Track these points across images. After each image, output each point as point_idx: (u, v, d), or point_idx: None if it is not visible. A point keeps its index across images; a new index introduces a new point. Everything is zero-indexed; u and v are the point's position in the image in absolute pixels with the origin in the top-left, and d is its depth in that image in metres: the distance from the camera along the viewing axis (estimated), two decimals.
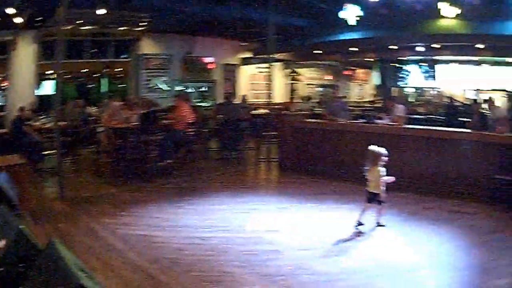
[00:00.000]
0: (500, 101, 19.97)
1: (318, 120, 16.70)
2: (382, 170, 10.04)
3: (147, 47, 25.61)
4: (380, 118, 15.59)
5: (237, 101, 22.99)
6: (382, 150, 10.10)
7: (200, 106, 24.97)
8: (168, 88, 25.73)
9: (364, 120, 15.87)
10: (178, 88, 26.05)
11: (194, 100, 25.94)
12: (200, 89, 28.12)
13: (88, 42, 24.25)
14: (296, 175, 15.59)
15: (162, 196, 12.74)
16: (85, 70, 26.41)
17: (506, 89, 24.67)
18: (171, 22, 23.28)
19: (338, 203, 12.13)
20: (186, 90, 26.12)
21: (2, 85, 22.33)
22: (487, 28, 19.82)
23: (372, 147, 10.24)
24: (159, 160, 15.38)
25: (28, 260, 4.31)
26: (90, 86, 28.08)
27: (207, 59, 27.83)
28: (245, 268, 7.65)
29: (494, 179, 11.81)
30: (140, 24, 23.02)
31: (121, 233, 9.48)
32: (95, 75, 27.17)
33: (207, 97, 28.09)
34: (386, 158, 10.06)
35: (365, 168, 10.18)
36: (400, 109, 15.30)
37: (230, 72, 29.43)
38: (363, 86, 37.39)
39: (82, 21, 21.32)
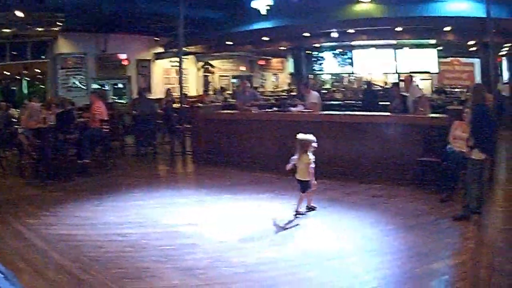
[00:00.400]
0: (422, 83, 19.77)
1: (230, 111, 16.70)
2: (311, 157, 9.93)
3: (64, 46, 25.13)
4: (294, 106, 15.45)
5: (151, 95, 23.35)
6: (311, 137, 10.01)
7: (116, 102, 24.95)
8: (84, 87, 25.27)
9: (277, 109, 15.87)
10: (94, 86, 25.72)
11: (112, 97, 26.14)
12: (116, 86, 27.90)
13: (7, 44, 23.81)
14: (211, 167, 15.51)
15: (82, 195, 12.42)
16: (7, 73, 26.35)
17: (429, 71, 24.89)
18: (85, 20, 23.02)
19: (254, 193, 12.04)
20: (102, 88, 26.10)
21: None
22: (406, 10, 19.75)
23: (300, 135, 10.11)
24: (77, 158, 15.12)
25: None
26: (12, 88, 27.87)
27: (120, 56, 27.36)
28: (164, 263, 7.47)
29: (419, 161, 11.71)
30: (56, 24, 22.56)
31: (45, 234, 9.20)
32: (17, 77, 27.11)
33: (123, 94, 27.84)
34: (316, 145, 10.00)
35: (294, 156, 10.13)
36: (314, 96, 15.05)
37: (144, 67, 29.04)
38: (278, 75, 37.54)
39: (1, 23, 20.91)
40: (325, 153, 12.43)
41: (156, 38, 28.54)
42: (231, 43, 26.65)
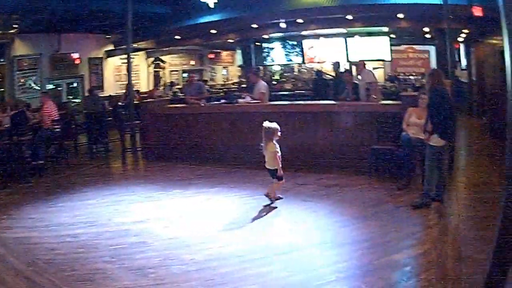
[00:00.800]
0: (375, 71, 19.43)
1: (178, 105, 16.54)
2: (277, 145, 9.95)
3: (20, 48, 24.42)
4: (242, 98, 15.23)
5: (103, 93, 23.12)
6: (276, 125, 9.97)
7: (71, 102, 24.76)
8: (39, 88, 24.56)
9: (224, 101, 15.61)
10: (49, 86, 25.16)
11: (68, 97, 25.74)
12: (71, 85, 27.21)
13: None
14: (161, 162, 15.22)
15: (36, 196, 12.06)
16: None
17: (382, 59, 24.66)
18: (39, 21, 22.32)
19: (204, 187, 11.81)
20: (57, 88, 25.62)
21: None
22: None
23: (266, 123, 10.05)
24: (31, 160, 14.58)
25: None
26: None
27: (73, 55, 26.76)
28: (115, 263, 7.27)
29: (373, 149, 11.42)
30: (12, 26, 22.06)
31: (1, 237, 8.97)
32: None
33: (76, 93, 27.22)
34: (280, 133, 9.97)
35: (261, 144, 10.07)
36: (262, 85, 14.73)
37: (96, 65, 28.47)
38: (228, 68, 37.35)
39: None
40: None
41: (107, 36, 28.05)
42: (179, 37, 26.20)
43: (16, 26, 21.85)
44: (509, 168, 4.44)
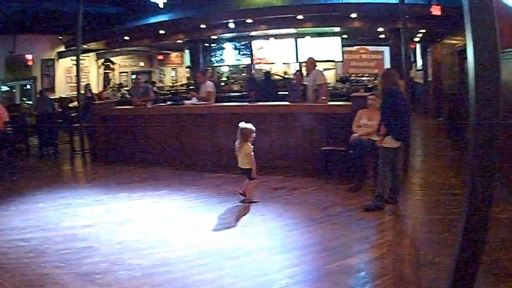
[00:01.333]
0: (326, 72, 19.19)
1: (126, 107, 16.36)
2: (251, 146, 9.96)
3: None
4: (188, 99, 15.30)
5: (55, 95, 22.94)
6: (251, 126, 9.97)
7: (24, 103, 24.26)
8: None
9: (171, 103, 15.65)
10: (3, 88, 24.92)
11: (22, 98, 25.34)
12: (25, 87, 26.96)
13: None
14: (108, 165, 15.00)
15: None
16: None
17: (333, 60, 24.48)
18: None
19: (151, 190, 11.54)
20: (11, 90, 25.41)
21: None
22: None
23: (242, 124, 10.03)
24: None
25: None
26: None
27: (27, 56, 26.32)
28: (63, 268, 7.03)
29: (322, 151, 11.24)
30: None
31: None
32: None
33: (29, 94, 26.88)
34: (254, 135, 9.98)
35: (236, 145, 10.09)
36: (209, 85, 14.59)
37: (48, 67, 28.03)
38: (177, 70, 37.30)
39: None
40: (222, 145, 12.44)
41: (59, 37, 27.64)
42: (129, 38, 25.95)
43: None
44: (471, 169, 4.13)
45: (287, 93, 15.26)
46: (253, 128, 9.91)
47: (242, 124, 9.98)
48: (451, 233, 7.11)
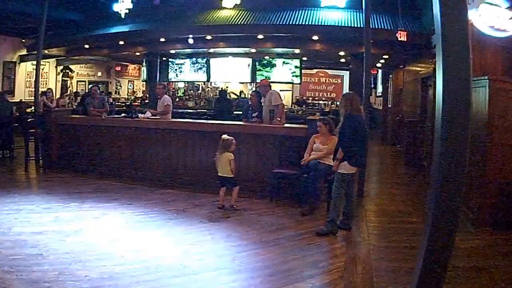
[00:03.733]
0: (282, 94, 19.09)
1: (81, 116, 16.08)
2: (232, 155, 10.43)
3: None
4: (143, 113, 15.10)
5: (14, 98, 22.70)
6: (232, 138, 10.51)
7: None
8: None
9: (125, 115, 15.43)
10: None
11: None
12: None
13: None
14: (61, 173, 14.77)
15: None
16: None
17: (291, 82, 24.17)
18: None
19: (101, 202, 11.36)
20: None
21: None
22: (271, 17, 19.37)
23: (224, 136, 10.55)
24: None
25: None
26: None
27: None
28: (12, 274, 6.90)
29: (275, 173, 11.07)
30: None
31: None
32: None
33: None
34: (234, 146, 10.49)
35: (216, 154, 10.55)
36: (167, 99, 14.69)
37: (10, 69, 27.62)
38: (134, 82, 37.29)
39: None
40: (173, 161, 12.62)
41: (23, 40, 27.28)
42: (88, 46, 25.41)
43: None
44: (432, 198, 3.96)
45: (242, 112, 15.13)
46: (234, 140, 10.38)
47: (225, 136, 10.44)
48: (405, 261, 7.07)
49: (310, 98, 23.56)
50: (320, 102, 23.68)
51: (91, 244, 8.32)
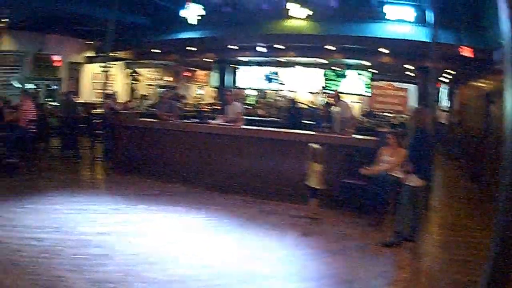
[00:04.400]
0: (351, 105, 19.21)
1: (151, 120, 15.97)
2: (319, 166, 10.25)
3: (7, 44, 24.48)
4: (213, 118, 15.26)
5: (79, 99, 22.87)
6: (320, 147, 10.38)
7: (47, 104, 24.05)
8: (20, 86, 24.52)
9: (196, 120, 15.51)
10: (28, 85, 24.93)
11: (45, 98, 25.55)
12: (50, 87, 27.19)
13: None
14: (129, 175, 14.85)
15: (6, 194, 11.75)
16: None
17: (360, 93, 24.51)
18: (25, 18, 22.55)
19: (169, 205, 11.53)
20: (36, 88, 25.58)
21: None
22: (340, 29, 19.60)
23: (312, 145, 10.44)
24: (4, 157, 14.40)
25: None
26: None
27: (55, 57, 26.85)
28: (76, 273, 6.99)
29: (343, 183, 11.19)
30: (1, 20, 22.02)
31: None
32: None
33: (54, 95, 27.05)
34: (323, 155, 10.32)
35: (307, 164, 10.37)
36: (238, 106, 14.64)
37: (75, 70, 28.55)
38: (203, 88, 37.28)
39: None
40: (245, 168, 12.57)
41: (88, 41, 27.98)
42: (158, 51, 25.97)
43: (6, 20, 21.91)
44: (502, 211, 4.13)
45: (312, 122, 15.38)
46: (322, 148, 10.27)
47: (313, 145, 10.35)
48: (468, 274, 7.12)
49: (378, 110, 23.60)
50: (387, 114, 23.72)
51: (157, 246, 8.51)
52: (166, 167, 14.39)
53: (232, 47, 22.89)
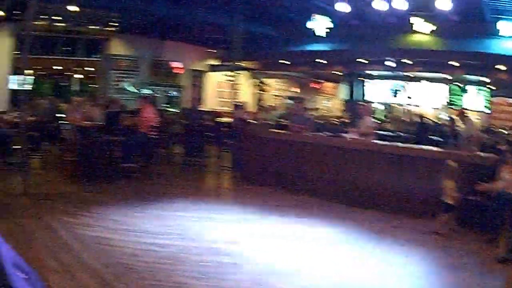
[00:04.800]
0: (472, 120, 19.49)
1: (283, 131, 16.29)
2: (453, 183, 10.47)
3: (117, 47, 25.56)
4: (346, 132, 15.20)
5: (202, 107, 23.61)
6: (456, 164, 10.61)
7: (166, 110, 24.72)
8: (135, 91, 25.46)
9: (330, 134, 15.34)
10: (145, 91, 25.67)
11: (163, 104, 26.00)
12: (167, 94, 27.90)
13: (60, 39, 24.43)
14: (257, 185, 15.16)
15: (123, 199, 12.50)
16: (58, 67, 26.77)
17: (480, 110, 24.45)
18: (140, 23, 23.47)
19: (300, 217, 11.70)
20: (153, 94, 25.67)
21: None
22: (462, 45, 19.84)
23: (451, 162, 10.69)
24: (122, 161, 15.01)
25: None
26: (62, 83, 28.04)
27: (175, 64, 27.63)
28: (201, 280, 7.23)
29: (464, 200, 11.21)
30: (110, 23, 23.12)
31: (80, 234, 9.23)
32: (67, 73, 27.47)
33: (174, 102, 27.83)
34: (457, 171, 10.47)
35: (442, 180, 10.57)
36: (370, 121, 14.76)
37: (197, 78, 29.33)
38: (330, 100, 36.69)
39: (55, 16, 21.63)
40: (375, 183, 12.77)
41: (211, 50, 28.52)
42: (286, 62, 26.47)
43: (115, 24, 23.01)
44: None
45: (437, 138, 15.79)
46: (457, 165, 10.52)
47: (451, 162, 10.62)
48: None
49: (494, 127, 23.52)
50: (502, 130, 23.65)
51: (288, 257, 8.69)
52: (295, 179, 14.61)
53: (362, 60, 23.38)
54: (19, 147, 14.22)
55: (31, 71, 13.87)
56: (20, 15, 19.99)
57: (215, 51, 28.45)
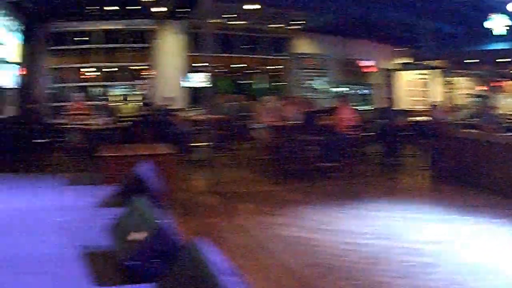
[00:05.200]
0: None
1: (479, 131, 15.37)
2: None
3: (301, 46, 25.98)
4: None
5: (394, 106, 22.77)
6: None
7: (358, 109, 24.06)
8: (326, 89, 25.76)
9: None
10: (335, 89, 26.07)
11: (353, 103, 25.19)
12: (358, 92, 28.01)
13: (239, 37, 25.08)
14: (453, 186, 14.09)
15: (321, 198, 12.36)
16: (236, 65, 27.06)
17: None
18: (324, 22, 23.69)
19: (495, 217, 10.59)
20: (343, 92, 25.78)
21: (145, 74, 23.58)
22: None
23: None
24: (321, 161, 14.83)
25: (165, 256, 4.27)
26: (243, 81, 28.25)
27: (365, 63, 27.84)
28: (401, 279, 7.11)
29: None
30: (293, 22, 23.46)
31: (275, 234, 9.28)
32: (247, 71, 27.72)
33: (366, 101, 27.85)
34: None
35: None
36: None
37: (387, 77, 29.10)
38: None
39: (230, 15, 22.26)
40: None
41: (400, 48, 28.48)
42: (472, 60, 26.57)
43: (299, 23, 23.31)
44: None
45: None
46: None
47: None
48: None
49: None
50: None
51: (483, 258, 8.05)
52: (491, 179, 13.45)
53: None
54: (204, 144, 14.76)
55: (209, 69, 14.33)
56: (187, 12, 21.31)
57: (403, 49, 28.33)
